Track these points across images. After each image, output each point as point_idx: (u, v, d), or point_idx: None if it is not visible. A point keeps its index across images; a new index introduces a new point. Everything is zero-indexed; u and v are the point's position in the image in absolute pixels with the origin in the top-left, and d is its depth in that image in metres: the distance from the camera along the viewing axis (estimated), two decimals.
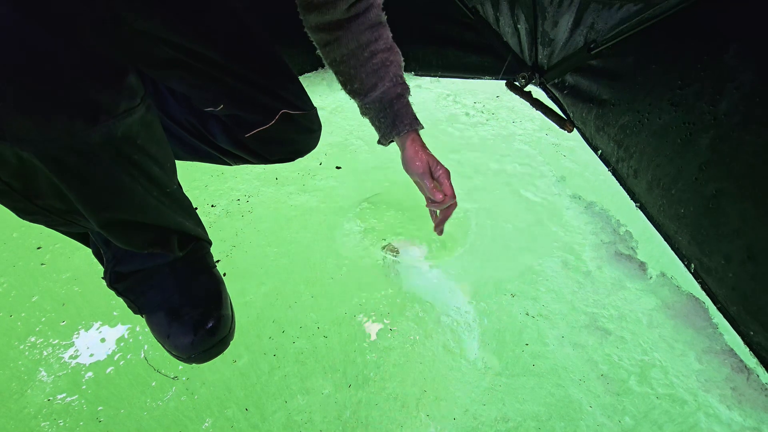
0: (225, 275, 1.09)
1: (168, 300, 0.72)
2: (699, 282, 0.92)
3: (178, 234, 0.70)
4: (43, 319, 1.03)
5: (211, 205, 1.38)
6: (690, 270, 0.93)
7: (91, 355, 0.96)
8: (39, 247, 1.21)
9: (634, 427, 0.86)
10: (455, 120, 1.93)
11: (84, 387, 0.90)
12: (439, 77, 1.78)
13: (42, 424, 0.84)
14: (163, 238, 0.68)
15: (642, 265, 1.17)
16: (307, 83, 1.76)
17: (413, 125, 0.85)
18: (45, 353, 0.96)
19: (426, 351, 0.98)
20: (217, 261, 1.13)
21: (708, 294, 0.91)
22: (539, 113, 1.42)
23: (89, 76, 0.46)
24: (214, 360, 0.80)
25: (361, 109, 0.88)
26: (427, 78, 1.94)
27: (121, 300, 0.75)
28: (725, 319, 0.88)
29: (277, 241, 1.25)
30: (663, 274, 1.13)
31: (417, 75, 1.77)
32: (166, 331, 0.72)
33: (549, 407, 0.89)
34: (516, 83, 1.51)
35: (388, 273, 1.15)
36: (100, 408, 0.87)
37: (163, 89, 0.76)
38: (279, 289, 1.11)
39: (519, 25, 1.33)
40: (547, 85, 1.40)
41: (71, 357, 0.95)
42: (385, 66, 0.81)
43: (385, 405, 0.89)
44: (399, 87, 0.84)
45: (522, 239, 1.29)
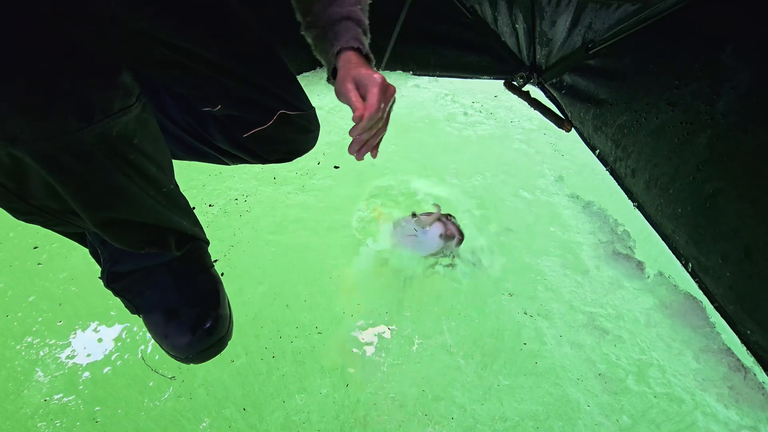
0: (223, 275, 1.09)
1: (165, 300, 0.72)
2: (696, 281, 0.93)
3: (175, 233, 0.70)
4: (40, 319, 1.02)
5: (209, 205, 1.38)
6: (687, 269, 0.94)
7: (88, 355, 0.95)
8: (36, 247, 1.20)
9: (631, 426, 0.86)
10: (453, 119, 1.93)
11: (81, 387, 0.90)
12: (438, 77, 1.78)
13: (39, 424, 0.84)
14: (160, 237, 0.68)
15: (640, 265, 1.18)
16: (306, 82, 1.76)
17: (349, 43, 0.71)
18: (42, 353, 0.96)
19: (424, 351, 0.98)
20: (215, 261, 1.12)
21: (705, 293, 0.91)
22: (537, 113, 1.42)
23: (83, 74, 0.45)
24: (211, 360, 0.80)
25: (312, 41, 0.78)
26: (426, 77, 1.94)
27: (119, 300, 0.74)
28: (722, 318, 0.88)
29: (275, 241, 1.25)
30: (661, 273, 1.14)
31: (415, 74, 1.76)
32: (163, 331, 0.72)
33: (547, 406, 0.89)
34: (514, 83, 1.51)
35: (385, 272, 1.15)
36: (97, 408, 0.87)
37: (161, 89, 0.75)
38: (277, 289, 1.11)
39: (517, 25, 1.33)
40: (545, 85, 1.40)
41: (68, 357, 0.95)
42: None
43: (384, 404, 0.89)
44: (349, 13, 0.73)
45: (520, 238, 1.29)
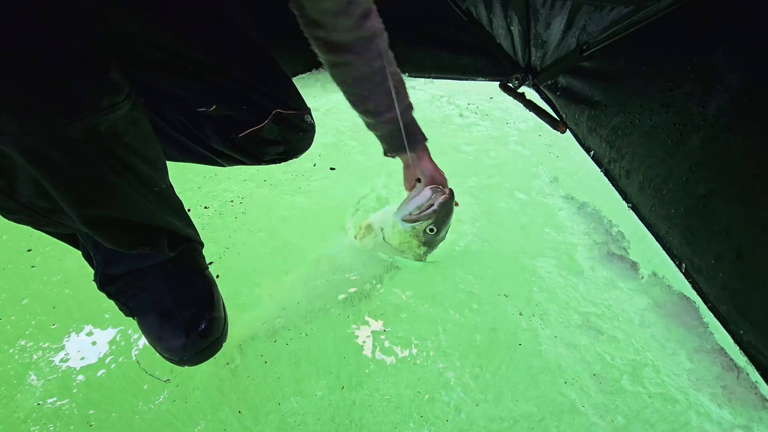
0: (218, 277, 1.09)
1: (160, 302, 0.72)
2: (690, 281, 0.93)
3: (167, 234, 0.70)
4: (33, 322, 1.01)
5: (204, 207, 1.37)
6: (681, 270, 0.94)
7: (82, 359, 0.95)
8: (29, 250, 1.19)
9: (626, 426, 0.86)
10: (449, 121, 1.94)
11: (75, 391, 0.89)
12: (433, 78, 1.79)
13: (32, 428, 0.83)
14: (152, 237, 0.67)
15: (634, 265, 1.18)
16: (301, 84, 1.76)
17: (420, 140, 0.95)
18: (35, 357, 0.95)
19: (419, 352, 0.98)
20: (210, 263, 1.12)
21: (699, 293, 0.92)
22: (532, 114, 1.43)
23: (71, 70, 0.45)
24: (206, 362, 0.80)
25: (371, 126, 0.92)
26: (421, 79, 1.95)
27: (113, 302, 0.74)
28: (716, 318, 0.88)
29: (271, 243, 1.25)
30: (655, 273, 1.14)
31: (411, 76, 1.77)
32: (157, 334, 0.72)
33: (542, 407, 0.89)
34: (509, 84, 1.52)
35: (383, 272, 1.15)
36: (91, 412, 0.86)
37: (156, 90, 0.75)
38: (272, 291, 1.10)
39: (512, 27, 1.34)
40: (540, 87, 1.40)
41: (62, 360, 0.94)
42: (396, 88, 0.83)
43: (379, 406, 0.88)
44: (410, 107, 0.90)
45: (515, 239, 1.30)
